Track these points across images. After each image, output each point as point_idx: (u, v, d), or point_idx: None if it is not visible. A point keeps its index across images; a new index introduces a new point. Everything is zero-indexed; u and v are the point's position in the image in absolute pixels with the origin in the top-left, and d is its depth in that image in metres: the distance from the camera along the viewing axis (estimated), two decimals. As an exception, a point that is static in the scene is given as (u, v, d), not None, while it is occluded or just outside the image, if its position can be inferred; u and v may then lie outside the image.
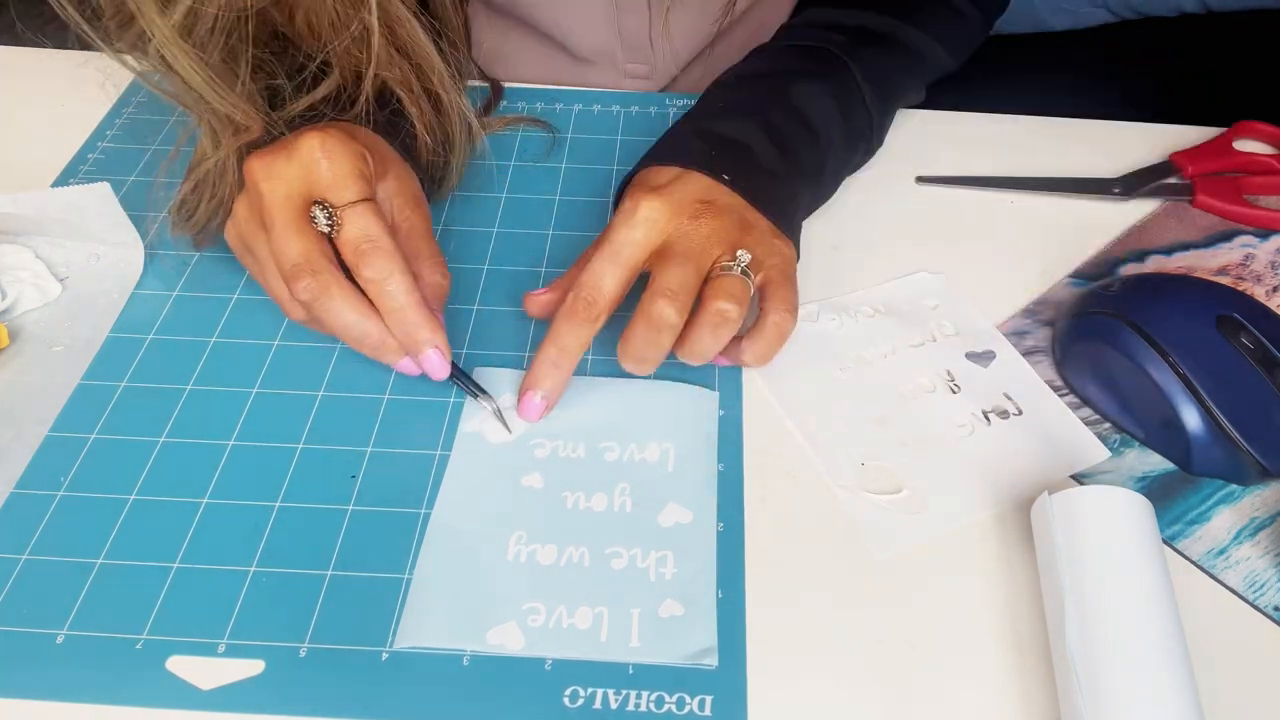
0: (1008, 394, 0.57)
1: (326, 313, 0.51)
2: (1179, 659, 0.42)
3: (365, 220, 0.51)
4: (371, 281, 0.51)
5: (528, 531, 0.50)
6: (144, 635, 0.47)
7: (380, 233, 0.51)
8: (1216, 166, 0.71)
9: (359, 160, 0.53)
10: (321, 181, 0.52)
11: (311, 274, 0.51)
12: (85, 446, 0.54)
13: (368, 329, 0.52)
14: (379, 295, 0.51)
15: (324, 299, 0.51)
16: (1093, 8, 1.03)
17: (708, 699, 0.45)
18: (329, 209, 0.51)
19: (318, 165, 0.52)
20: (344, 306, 0.51)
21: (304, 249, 0.51)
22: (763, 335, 0.55)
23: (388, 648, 0.46)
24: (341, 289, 0.51)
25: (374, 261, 0.51)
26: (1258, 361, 0.53)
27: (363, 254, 0.51)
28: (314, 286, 0.51)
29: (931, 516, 0.52)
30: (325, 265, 0.51)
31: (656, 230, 0.54)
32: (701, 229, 0.54)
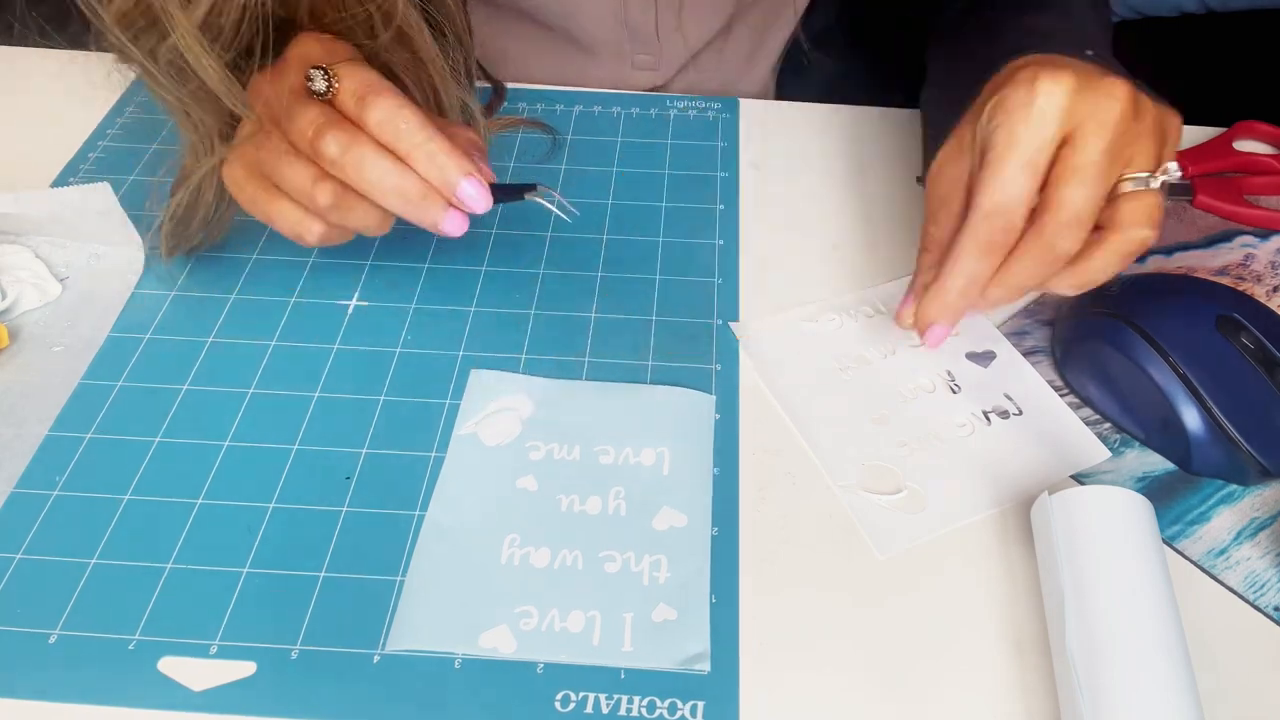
0: (1008, 394, 0.57)
1: (359, 165, 0.48)
2: (1179, 659, 0.42)
3: (362, 71, 0.49)
4: (381, 124, 0.48)
5: (521, 534, 0.50)
6: (136, 636, 0.46)
7: (379, 79, 0.49)
8: (1216, 166, 0.70)
9: (346, 46, 0.52)
10: (312, 57, 0.50)
11: (333, 130, 0.48)
12: (81, 446, 0.54)
13: (406, 177, 0.49)
14: (394, 139, 0.48)
15: (355, 149, 0.48)
16: (1093, 8, 1.04)
17: (700, 704, 0.45)
18: (323, 69, 0.49)
19: (308, 50, 0.51)
20: (377, 156, 0.48)
21: (320, 110, 0.49)
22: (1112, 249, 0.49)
23: (380, 650, 0.46)
24: (366, 139, 0.48)
25: (378, 101, 0.48)
26: (1258, 361, 0.52)
27: (364, 98, 0.48)
28: (342, 139, 0.48)
29: (931, 516, 0.52)
30: (345, 122, 0.48)
31: (1071, 118, 0.46)
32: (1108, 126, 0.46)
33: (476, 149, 0.53)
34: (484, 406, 0.55)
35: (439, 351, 0.58)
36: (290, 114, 0.49)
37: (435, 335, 0.59)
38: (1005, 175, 0.47)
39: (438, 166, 0.49)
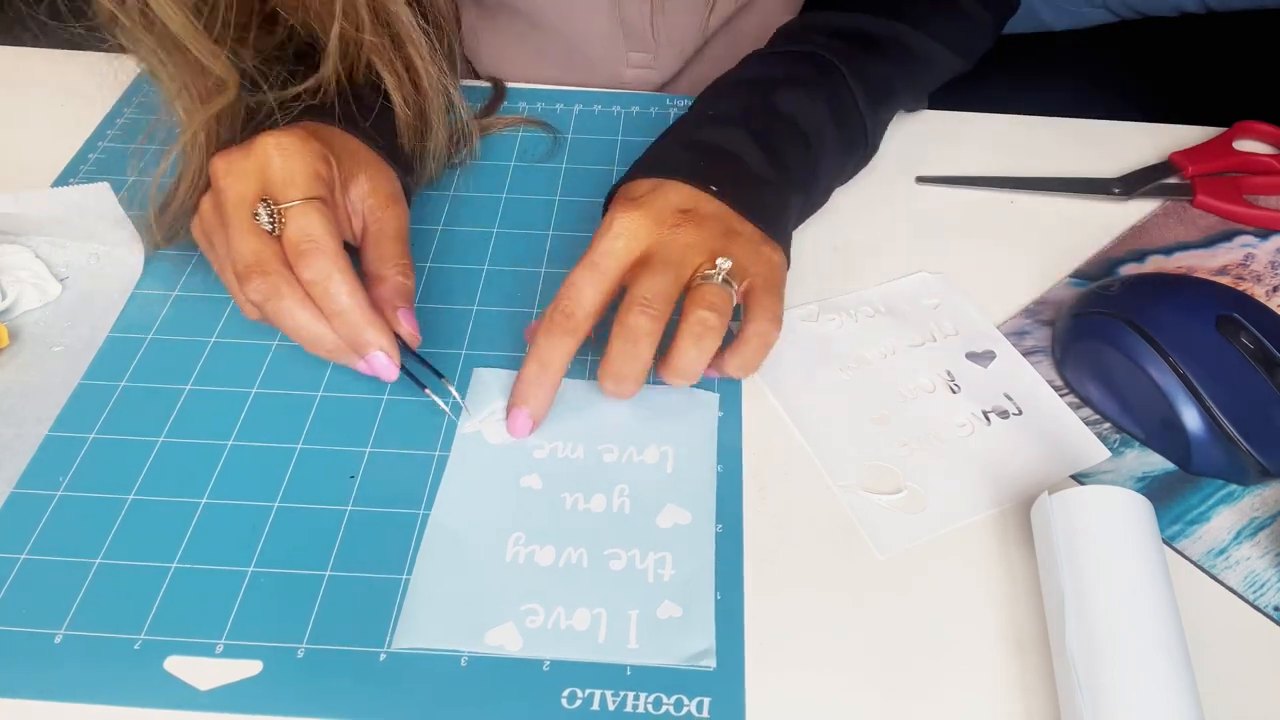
0: (1008, 394, 0.57)
1: (278, 313, 0.51)
2: (1179, 659, 0.42)
3: (307, 219, 0.51)
4: (311, 283, 0.50)
5: (526, 533, 0.50)
6: (142, 635, 0.47)
7: (322, 233, 0.50)
8: (1216, 166, 0.71)
9: (316, 160, 0.53)
10: (273, 180, 0.51)
11: (261, 275, 0.50)
12: (84, 446, 0.54)
13: (319, 331, 0.51)
14: (321, 297, 0.50)
15: (274, 300, 0.50)
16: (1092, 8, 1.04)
17: (705, 700, 0.45)
18: (271, 207, 0.51)
19: (271, 163, 0.52)
20: (294, 307, 0.51)
21: (255, 249, 0.51)
22: (746, 345, 0.54)
23: (386, 648, 0.46)
24: (292, 290, 0.51)
25: (312, 262, 0.50)
26: (1258, 361, 0.53)
27: (301, 254, 0.50)
28: (264, 288, 0.50)
29: (931, 516, 0.52)
30: (277, 266, 0.50)
31: (636, 241, 0.53)
32: (681, 238, 0.53)
33: (403, 297, 0.55)
34: (487, 405, 0.55)
35: (442, 351, 0.58)
36: (230, 237, 0.52)
37: (438, 334, 0.59)
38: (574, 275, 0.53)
39: (356, 335, 0.51)
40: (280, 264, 0.50)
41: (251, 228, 0.51)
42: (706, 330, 0.52)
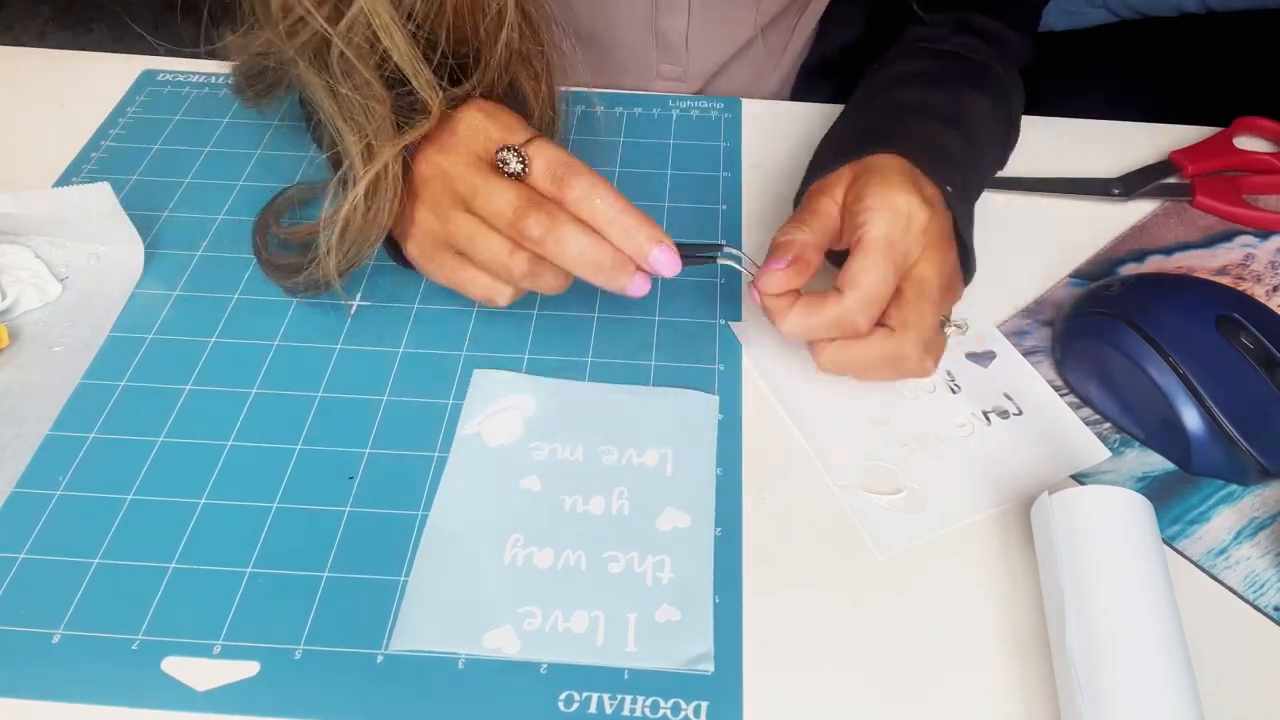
0: (1008, 394, 0.57)
1: (561, 242, 0.50)
2: (1179, 659, 0.42)
3: (550, 149, 0.51)
4: (579, 200, 0.50)
5: (525, 535, 0.50)
6: (140, 636, 0.47)
7: (568, 156, 0.51)
8: (1216, 165, 0.71)
9: (516, 116, 0.54)
10: (494, 136, 0.52)
11: (535, 208, 0.50)
12: (84, 446, 0.54)
13: (601, 250, 0.50)
14: (591, 213, 0.50)
15: (557, 229, 0.50)
16: (1092, 8, 1.04)
17: (703, 704, 0.45)
18: (515, 149, 0.51)
19: (484, 126, 0.53)
20: (576, 233, 0.50)
21: (519, 192, 0.51)
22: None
23: (383, 650, 0.46)
24: (566, 216, 0.50)
25: (575, 181, 0.50)
26: (1258, 361, 0.53)
27: (561, 179, 0.51)
28: (544, 220, 0.50)
29: (930, 516, 0.52)
30: (544, 201, 0.51)
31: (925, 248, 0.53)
32: (945, 267, 0.53)
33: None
34: (487, 406, 0.55)
35: (442, 351, 0.58)
36: (485, 193, 0.51)
37: (438, 335, 0.59)
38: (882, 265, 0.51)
39: (632, 238, 0.50)
40: (545, 201, 0.51)
41: (503, 180, 0.51)
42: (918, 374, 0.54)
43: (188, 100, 0.75)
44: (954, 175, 0.57)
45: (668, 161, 0.72)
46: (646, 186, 0.70)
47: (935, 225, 0.53)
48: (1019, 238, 0.67)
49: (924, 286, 0.52)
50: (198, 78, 0.77)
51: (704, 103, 0.77)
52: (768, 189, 0.70)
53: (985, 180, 0.64)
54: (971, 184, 0.60)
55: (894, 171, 0.54)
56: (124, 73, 0.77)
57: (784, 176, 0.70)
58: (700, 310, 0.61)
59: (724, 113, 0.76)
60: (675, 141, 0.73)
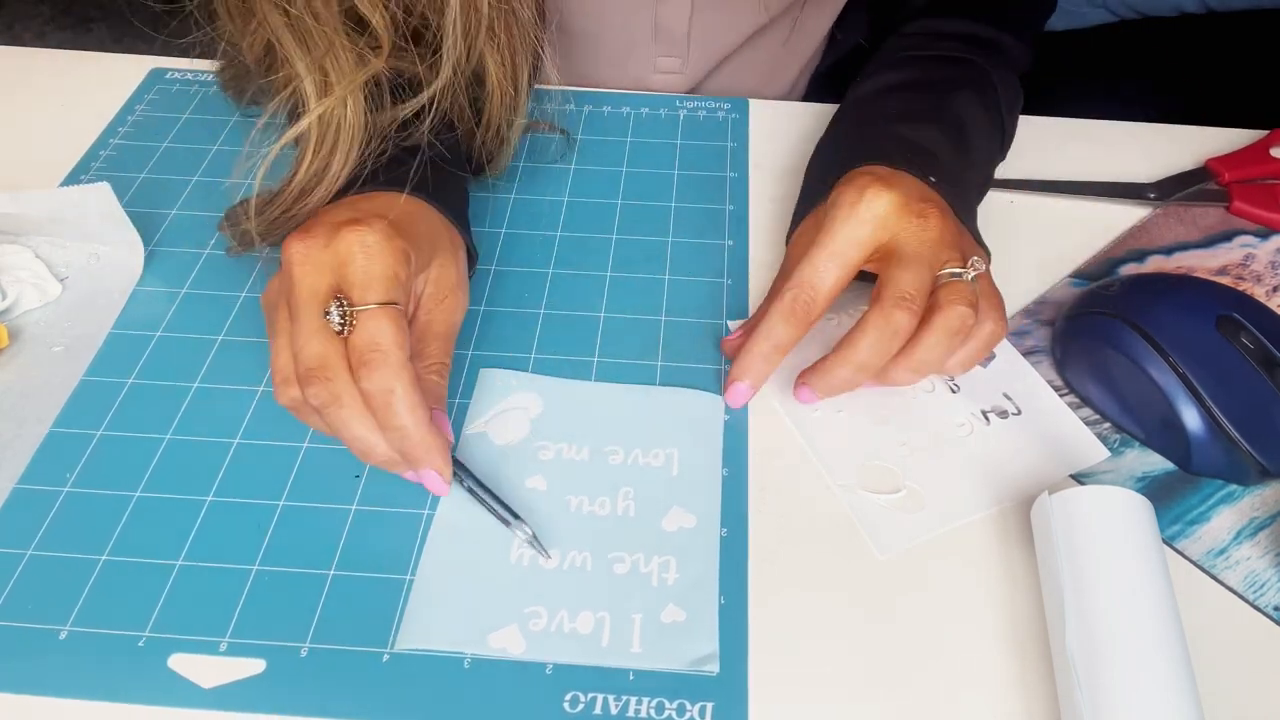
0: (1007, 394, 0.57)
1: (336, 421, 0.48)
2: (1179, 659, 0.43)
3: (378, 327, 0.48)
4: (370, 394, 0.47)
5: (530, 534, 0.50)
6: (146, 632, 0.47)
7: (391, 343, 0.47)
8: (1253, 173, 0.71)
9: (398, 262, 0.50)
10: (351, 279, 0.49)
11: (324, 381, 0.47)
12: (91, 443, 0.54)
13: (374, 442, 0.49)
14: (380, 410, 0.48)
15: (334, 408, 0.48)
16: (1092, 8, 1.04)
17: (709, 706, 0.45)
18: (344, 308, 0.48)
19: (353, 261, 0.49)
20: (353, 418, 0.48)
21: (321, 351, 0.48)
22: (976, 341, 0.54)
23: (389, 649, 0.46)
24: (353, 400, 0.48)
25: (375, 374, 0.47)
26: (1258, 361, 0.53)
27: (365, 363, 0.47)
28: (324, 395, 0.47)
29: (929, 516, 0.52)
30: (341, 373, 0.48)
31: (885, 228, 0.52)
32: (930, 230, 0.52)
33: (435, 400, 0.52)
34: (493, 406, 0.55)
35: (448, 350, 0.58)
36: (302, 330, 0.48)
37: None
38: (815, 258, 0.53)
39: (410, 452, 0.49)
40: (344, 370, 0.48)
41: (320, 327, 0.48)
42: (963, 327, 0.51)
43: (196, 98, 0.76)
44: (934, 167, 0.57)
45: (674, 162, 0.72)
46: (653, 186, 0.70)
47: (895, 202, 0.52)
48: (1019, 238, 0.67)
49: (895, 253, 0.52)
50: (206, 76, 0.77)
51: (711, 103, 0.77)
52: (774, 189, 0.70)
53: (977, 176, 0.64)
54: (959, 179, 0.60)
55: (849, 182, 0.55)
56: (129, 72, 0.77)
57: (790, 177, 0.70)
58: (707, 310, 0.61)
59: (731, 113, 0.76)
60: (682, 142, 0.73)
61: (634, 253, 0.65)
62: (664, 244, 0.65)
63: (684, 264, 0.64)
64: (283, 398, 0.50)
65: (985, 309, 0.53)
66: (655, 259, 0.64)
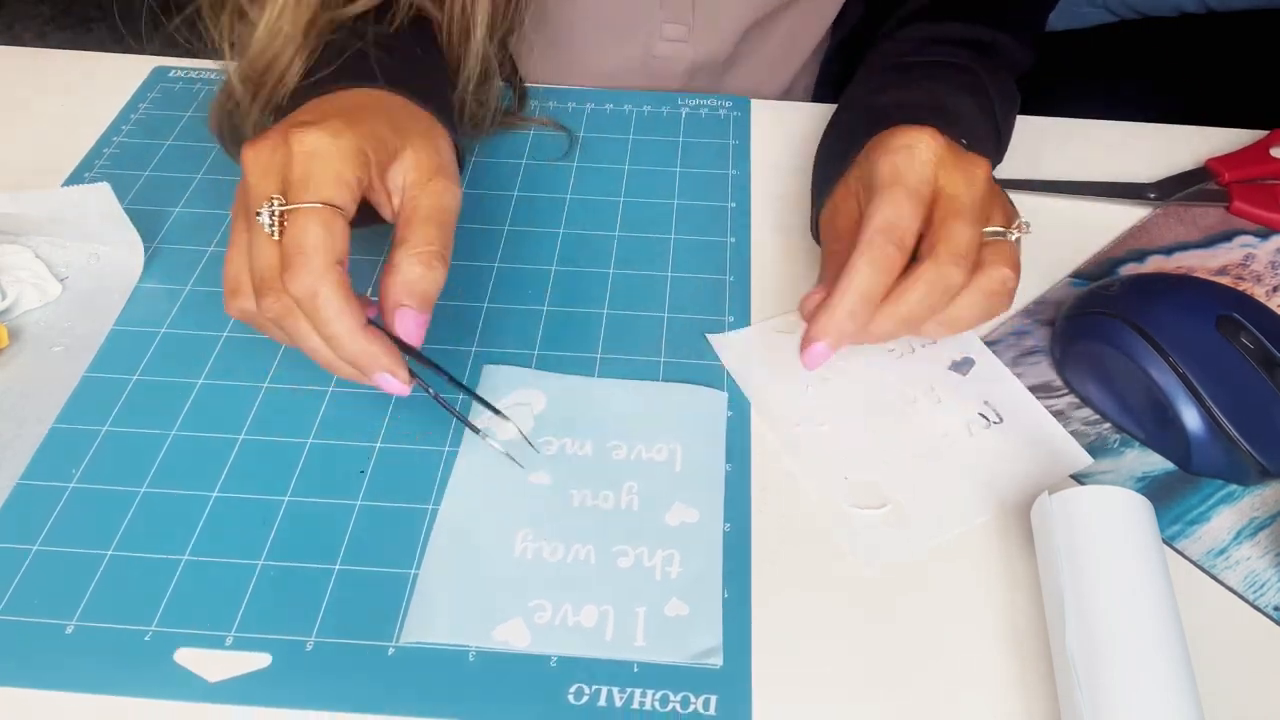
0: (987, 401, 0.57)
1: (292, 332, 0.47)
2: (1179, 659, 0.43)
3: (302, 228, 0.45)
4: (299, 300, 0.46)
5: (534, 529, 0.50)
6: (153, 627, 0.47)
7: (318, 246, 0.45)
8: (1253, 173, 0.71)
9: (345, 160, 0.47)
10: (291, 180, 0.47)
11: (276, 291, 0.46)
12: (97, 439, 0.54)
13: (330, 359, 0.48)
14: (310, 316, 0.46)
15: (289, 319, 0.47)
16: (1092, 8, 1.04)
17: (712, 698, 0.45)
18: (274, 207, 0.46)
19: (293, 161, 0.47)
20: (309, 332, 0.47)
21: (270, 259, 0.46)
22: (1002, 298, 0.52)
23: (394, 643, 0.47)
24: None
25: (296, 278, 0.45)
26: (1258, 361, 0.53)
27: (289, 267, 0.45)
28: (276, 307, 0.46)
29: (915, 532, 0.51)
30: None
31: (943, 171, 0.51)
32: (978, 184, 0.51)
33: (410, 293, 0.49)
34: (497, 402, 0.55)
35: (452, 347, 0.59)
36: (257, 237, 0.47)
37: (448, 331, 0.59)
38: (896, 197, 0.50)
39: (352, 359, 0.47)
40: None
41: (264, 234, 0.46)
42: (1005, 290, 0.51)
43: (199, 97, 0.76)
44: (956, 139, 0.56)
45: (676, 159, 0.72)
46: (655, 184, 0.70)
47: (948, 148, 0.52)
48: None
49: (951, 204, 0.50)
50: (209, 75, 0.78)
51: (712, 100, 0.77)
52: (776, 187, 0.70)
53: (995, 141, 0.63)
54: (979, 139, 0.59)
55: (890, 131, 0.53)
56: (131, 71, 0.77)
57: (792, 175, 0.71)
58: (710, 306, 0.62)
59: (733, 111, 0.76)
60: (684, 139, 0.74)
61: (636, 250, 0.65)
62: (666, 241, 0.66)
63: (686, 261, 0.64)
64: (232, 309, 0.49)
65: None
66: (658, 256, 0.65)
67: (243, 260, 0.48)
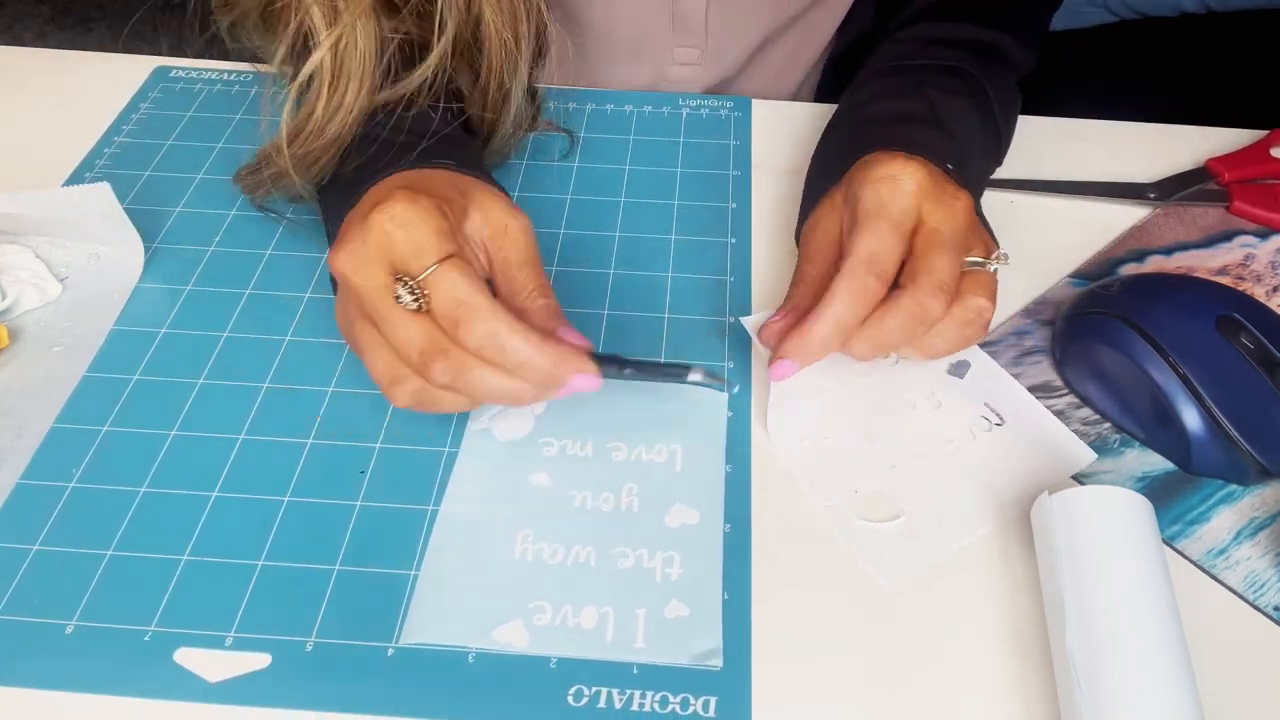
0: (988, 403, 0.57)
1: (473, 386, 0.47)
2: (1179, 659, 0.43)
3: (451, 283, 0.46)
4: (481, 349, 0.46)
5: (534, 530, 0.51)
6: (152, 627, 0.47)
7: (470, 291, 0.46)
8: (1253, 173, 0.71)
9: (433, 216, 0.47)
10: (401, 254, 0.47)
11: (442, 357, 0.46)
12: (97, 439, 0.54)
13: (517, 388, 0.47)
14: (497, 357, 0.46)
15: (464, 375, 0.46)
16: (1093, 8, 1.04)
17: (712, 700, 0.45)
18: (410, 283, 0.46)
19: (393, 238, 0.47)
20: (486, 376, 0.47)
21: (419, 333, 0.46)
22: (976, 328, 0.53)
23: (394, 644, 0.47)
24: (475, 361, 0.47)
25: (473, 328, 0.46)
26: (1258, 361, 0.53)
27: (457, 323, 0.46)
28: (449, 368, 0.46)
29: (928, 543, 0.51)
30: (448, 343, 0.47)
31: (925, 202, 0.52)
32: (959, 215, 0.52)
33: (554, 318, 0.51)
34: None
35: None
36: (388, 326, 0.47)
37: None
38: (879, 229, 0.51)
39: (548, 377, 0.47)
40: (450, 340, 0.47)
41: (406, 315, 0.47)
42: (979, 320, 0.52)
43: (200, 97, 0.76)
44: (943, 159, 0.57)
45: (677, 160, 0.72)
46: (655, 185, 0.70)
47: (931, 179, 0.52)
48: (1019, 238, 0.67)
49: (932, 236, 0.51)
50: (210, 74, 0.78)
51: (714, 101, 0.77)
52: (777, 188, 0.70)
53: (975, 180, 0.64)
54: (964, 170, 0.59)
55: (875, 158, 0.54)
56: (132, 72, 0.78)
57: (792, 176, 0.70)
58: (710, 307, 0.62)
59: (733, 111, 0.76)
60: (684, 140, 0.74)
61: (637, 250, 0.65)
62: (667, 242, 0.66)
63: (687, 262, 0.64)
64: (401, 398, 0.48)
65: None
66: (658, 257, 0.65)
67: (388, 354, 0.48)
